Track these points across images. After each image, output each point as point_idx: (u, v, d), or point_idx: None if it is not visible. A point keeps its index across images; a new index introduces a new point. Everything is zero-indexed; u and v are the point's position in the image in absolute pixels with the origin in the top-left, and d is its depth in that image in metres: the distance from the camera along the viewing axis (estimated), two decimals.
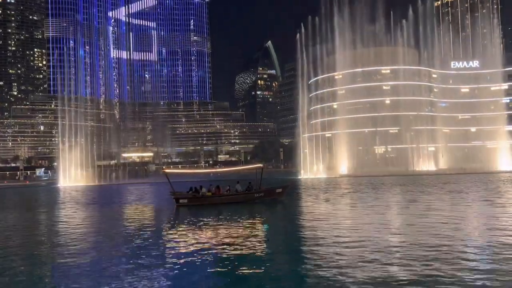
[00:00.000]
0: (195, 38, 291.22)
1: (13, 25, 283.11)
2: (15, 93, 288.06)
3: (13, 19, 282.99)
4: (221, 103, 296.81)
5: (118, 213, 32.39)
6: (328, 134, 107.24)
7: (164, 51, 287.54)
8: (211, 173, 74.67)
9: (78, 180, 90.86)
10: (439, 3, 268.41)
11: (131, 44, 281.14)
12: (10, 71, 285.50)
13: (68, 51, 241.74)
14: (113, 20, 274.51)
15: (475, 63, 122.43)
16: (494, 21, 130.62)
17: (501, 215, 23.56)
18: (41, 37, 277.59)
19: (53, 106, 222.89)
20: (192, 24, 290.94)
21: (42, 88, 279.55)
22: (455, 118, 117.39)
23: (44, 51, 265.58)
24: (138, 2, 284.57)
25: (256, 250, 16.42)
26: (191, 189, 35.69)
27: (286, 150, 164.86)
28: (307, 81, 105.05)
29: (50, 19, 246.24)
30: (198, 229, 22.22)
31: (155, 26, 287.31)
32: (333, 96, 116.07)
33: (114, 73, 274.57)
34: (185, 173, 77.03)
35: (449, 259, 13.83)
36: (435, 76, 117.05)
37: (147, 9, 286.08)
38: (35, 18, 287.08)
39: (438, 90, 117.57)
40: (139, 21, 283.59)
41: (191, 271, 13.74)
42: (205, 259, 15.17)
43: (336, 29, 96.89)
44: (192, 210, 30.92)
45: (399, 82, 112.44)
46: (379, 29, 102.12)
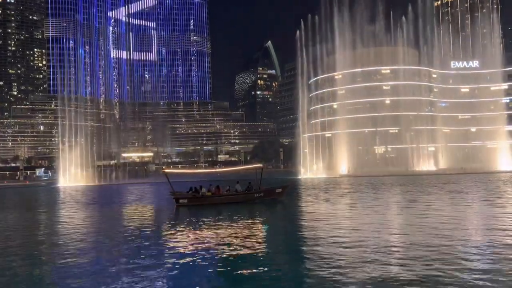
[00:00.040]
0: (195, 38, 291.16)
1: (13, 25, 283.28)
2: (15, 93, 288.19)
3: (13, 19, 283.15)
4: (221, 103, 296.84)
5: (118, 213, 32.38)
6: (328, 134, 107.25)
7: (164, 51, 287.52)
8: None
9: (78, 180, 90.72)
10: (439, 3, 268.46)
11: (131, 44, 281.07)
12: (10, 71, 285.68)
13: (68, 51, 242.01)
14: (113, 20, 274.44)
15: (475, 63, 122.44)
16: (494, 21, 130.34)
17: (501, 215, 23.56)
18: (41, 37, 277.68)
19: (53, 106, 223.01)
20: (192, 24, 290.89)
21: (42, 88, 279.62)
22: (455, 118, 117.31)
23: (44, 51, 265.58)
24: (138, 2, 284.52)
25: (256, 250, 16.40)
26: (191, 189, 35.69)
27: (286, 150, 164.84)
28: (307, 81, 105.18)
29: (50, 19, 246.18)
30: (198, 229, 22.20)
31: (155, 26, 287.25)
32: (333, 96, 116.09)
33: (114, 73, 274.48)
34: (186, 173, 76.57)
35: (449, 259, 13.82)
36: (435, 76, 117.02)
37: (147, 9, 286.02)
38: (35, 18, 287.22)
39: (438, 90, 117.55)
40: (139, 21, 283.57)
41: (191, 271, 13.75)
42: (205, 259, 15.16)
43: (336, 29, 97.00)
44: (192, 210, 30.93)
45: (399, 82, 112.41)
46: (379, 29, 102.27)
